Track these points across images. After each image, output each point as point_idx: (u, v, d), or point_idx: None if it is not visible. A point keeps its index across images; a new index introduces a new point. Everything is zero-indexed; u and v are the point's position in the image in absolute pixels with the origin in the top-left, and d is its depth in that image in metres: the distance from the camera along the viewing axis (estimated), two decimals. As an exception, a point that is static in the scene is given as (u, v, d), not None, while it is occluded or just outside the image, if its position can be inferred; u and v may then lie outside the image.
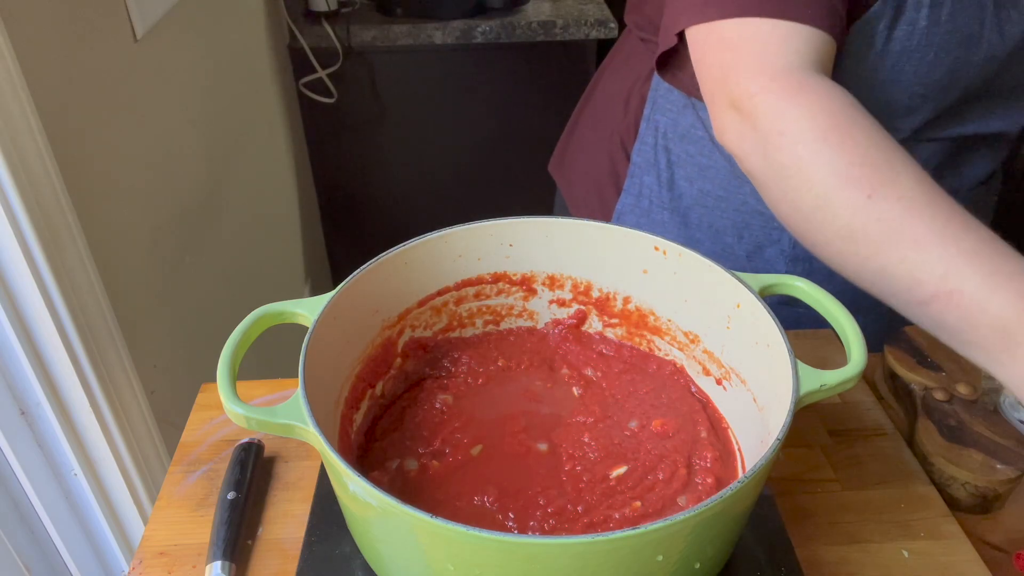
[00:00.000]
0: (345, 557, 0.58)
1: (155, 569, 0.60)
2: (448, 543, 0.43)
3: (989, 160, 0.82)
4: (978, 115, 0.74)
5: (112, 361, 0.89)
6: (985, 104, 0.73)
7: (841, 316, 0.54)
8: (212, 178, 1.29)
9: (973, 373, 0.74)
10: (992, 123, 0.75)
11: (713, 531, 0.47)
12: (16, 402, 0.82)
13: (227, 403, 0.48)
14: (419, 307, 0.65)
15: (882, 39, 0.66)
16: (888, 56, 0.67)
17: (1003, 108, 0.75)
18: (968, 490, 0.65)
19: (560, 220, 0.65)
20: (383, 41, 1.75)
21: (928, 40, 0.66)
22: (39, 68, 0.78)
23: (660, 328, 0.67)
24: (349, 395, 0.59)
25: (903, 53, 0.66)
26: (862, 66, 0.67)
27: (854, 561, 0.61)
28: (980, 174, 0.81)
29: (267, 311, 0.54)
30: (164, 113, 1.10)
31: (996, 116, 0.75)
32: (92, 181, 0.89)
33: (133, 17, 0.98)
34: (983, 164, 0.81)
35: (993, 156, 0.82)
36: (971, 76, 0.69)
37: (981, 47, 0.67)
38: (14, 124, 0.72)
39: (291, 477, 0.67)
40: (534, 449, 0.59)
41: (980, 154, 0.80)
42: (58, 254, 0.79)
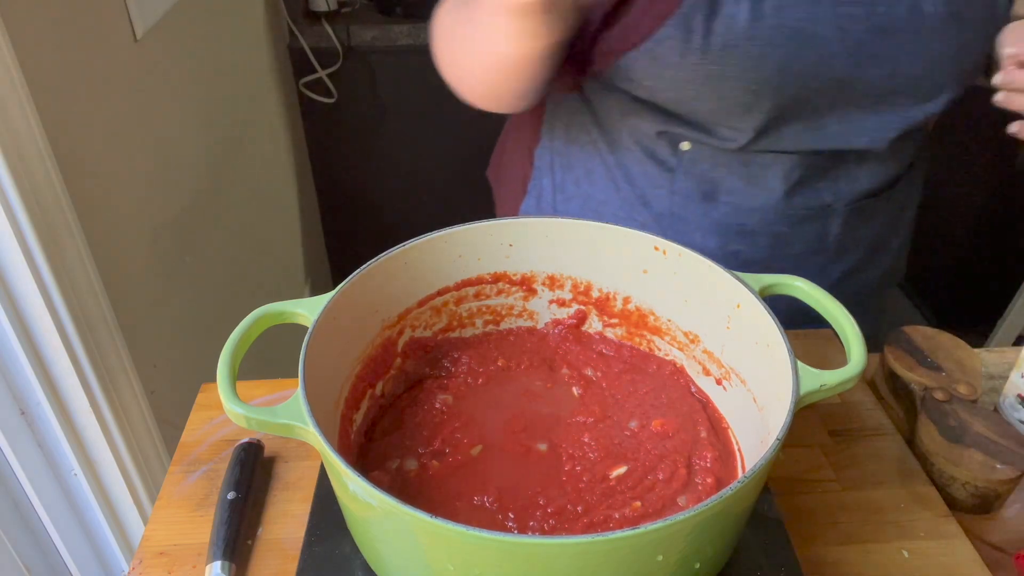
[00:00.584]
0: (345, 557, 0.58)
1: (155, 569, 0.60)
2: (448, 543, 0.43)
3: (876, 174, 0.79)
4: (836, 127, 0.72)
5: (112, 361, 0.89)
6: (841, 114, 0.71)
7: (841, 316, 0.54)
8: (212, 178, 1.29)
9: (973, 373, 0.74)
10: (854, 138, 0.73)
11: (713, 531, 0.47)
12: (16, 402, 0.82)
13: (227, 403, 0.48)
14: (419, 307, 0.65)
15: (701, 33, 0.65)
16: (710, 51, 0.65)
17: (860, 120, 0.72)
18: (968, 490, 0.65)
19: (560, 220, 0.65)
20: (383, 41, 1.75)
21: (751, 34, 0.65)
22: (39, 68, 0.78)
23: (660, 328, 0.67)
24: (349, 395, 0.59)
25: (726, 48, 0.65)
26: (686, 60, 0.66)
27: (854, 561, 0.61)
28: (862, 188, 0.78)
29: (267, 311, 0.54)
30: (164, 113, 1.10)
31: (855, 128, 0.72)
32: (92, 181, 0.89)
33: (133, 17, 0.98)
34: (866, 178, 0.78)
35: (880, 170, 0.79)
36: (808, 75, 0.67)
37: (816, 44, 0.66)
38: (14, 124, 0.72)
39: (291, 477, 0.67)
40: (534, 449, 0.59)
41: (863, 168, 0.77)
42: (58, 254, 0.79)
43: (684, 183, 0.77)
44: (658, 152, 0.77)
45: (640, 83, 0.71)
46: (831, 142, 0.73)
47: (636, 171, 0.79)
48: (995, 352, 0.83)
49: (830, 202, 0.78)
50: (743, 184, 0.76)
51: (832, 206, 0.78)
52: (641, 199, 0.79)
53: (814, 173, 0.76)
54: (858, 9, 0.66)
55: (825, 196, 0.77)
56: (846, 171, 0.77)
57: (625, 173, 0.80)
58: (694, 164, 0.76)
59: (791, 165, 0.74)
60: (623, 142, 0.78)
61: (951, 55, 0.69)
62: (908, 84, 0.70)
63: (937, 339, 0.78)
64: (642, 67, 0.69)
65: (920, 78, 0.70)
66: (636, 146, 0.78)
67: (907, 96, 0.71)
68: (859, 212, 0.80)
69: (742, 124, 0.71)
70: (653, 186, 0.78)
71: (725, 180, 0.76)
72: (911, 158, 0.83)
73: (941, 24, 0.67)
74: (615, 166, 0.80)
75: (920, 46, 0.68)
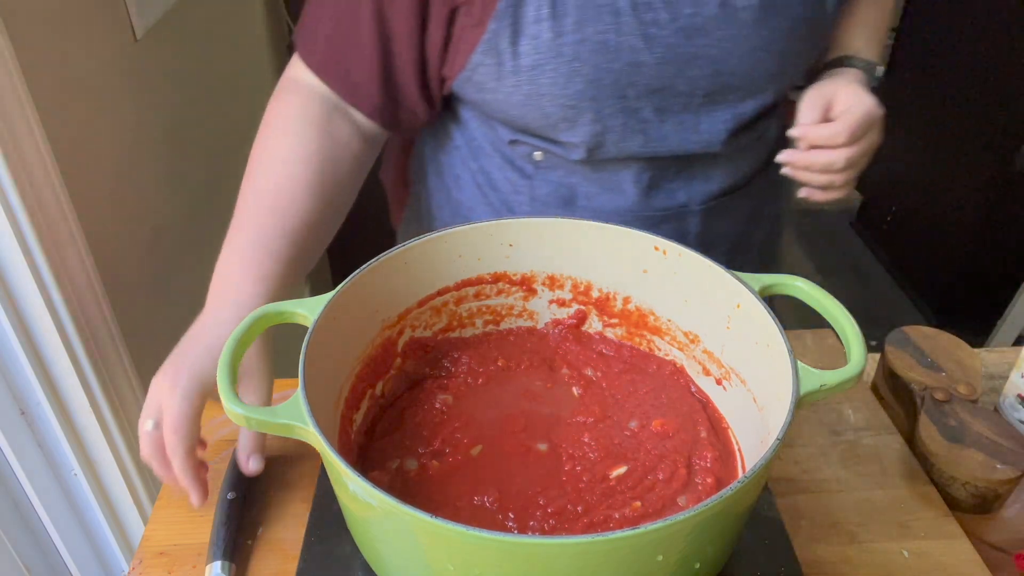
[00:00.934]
0: (345, 557, 0.58)
1: (155, 569, 0.60)
2: (448, 543, 0.43)
3: (729, 173, 0.79)
4: (669, 132, 0.72)
5: (112, 361, 0.89)
6: (670, 118, 0.71)
7: (841, 316, 0.54)
8: (212, 178, 1.29)
9: (973, 373, 0.74)
10: (689, 140, 0.73)
11: (713, 531, 0.47)
12: (16, 402, 0.82)
13: (227, 403, 0.48)
14: (419, 307, 0.65)
15: (509, 56, 0.66)
16: (521, 71, 0.67)
17: (692, 122, 0.72)
18: (968, 490, 0.65)
19: (560, 220, 0.65)
20: (383, 41, 1.75)
21: (557, 52, 0.65)
22: (39, 68, 0.78)
23: (660, 328, 0.67)
24: (349, 395, 0.59)
25: (535, 67, 0.66)
26: (503, 83, 0.68)
27: (854, 561, 0.61)
28: (716, 187, 0.79)
29: (267, 311, 0.54)
30: (164, 113, 1.10)
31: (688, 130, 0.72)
32: (92, 181, 0.89)
33: (133, 17, 0.98)
34: (720, 177, 0.79)
35: (732, 168, 0.79)
36: (623, 85, 0.68)
37: (623, 54, 0.66)
38: (14, 124, 0.72)
39: (291, 477, 0.67)
40: (534, 449, 0.59)
41: (716, 168, 0.78)
42: (58, 254, 0.79)
43: (543, 189, 0.78)
44: (516, 160, 0.78)
45: (473, 103, 0.74)
46: (668, 147, 0.73)
47: (498, 177, 0.80)
48: (995, 352, 0.83)
49: (685, 202, 0.79)
50: (598, 189, 0.77)
51: (687, 206, 0.79)
52: (506, 205, 0.80)
53: (665, 176, 0.77)
54: (662, 15, 0.66)
55: (679, 197, 0.78)
56: (699, 171, 0.78)
57: (488, 179, 0.80)
58: (549, 171, 0.77)
59: (639, 169, 0.75)
60: (484, 149, 0.79)
61: (772, 47, 0.69)
62: (732, 81, 0.70)
63: (937, 339, 0.78)
64: (469, 91, 0.71)
65: (743, 74, 0.70)
66: (496, 153, 0.79)
67: (734, 92, 0.71)
68: (716, 211, 0.80)
69: (572, 138, 0.71)
70: (515, 192, 0.79)
71: (580, 185, 0.77)
72: (767, 154, 0.83)
73: (755, 17, 0.67)
74: (479, 172, 0.81)
75: (737, 42, 0.68)
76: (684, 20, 0.66)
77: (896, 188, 2.49)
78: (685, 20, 0.66)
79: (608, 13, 0.65)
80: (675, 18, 0.66)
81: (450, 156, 0.82)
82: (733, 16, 0.67)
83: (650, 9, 0.65)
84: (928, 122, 2.28)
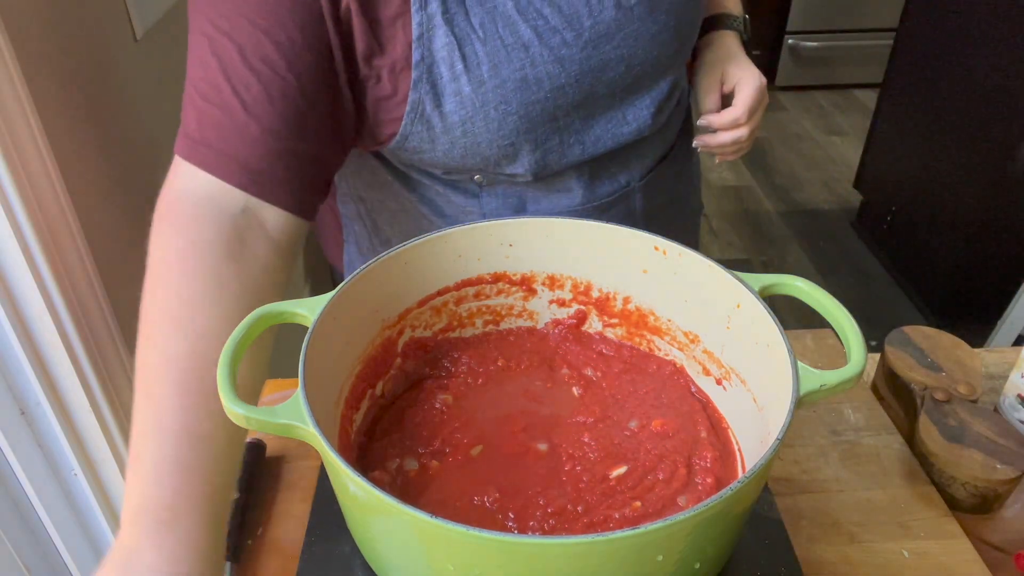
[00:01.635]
0: (345, 557, 0.58)
1: (155, 569, 0.60)
2: (448, 543, 0.43)
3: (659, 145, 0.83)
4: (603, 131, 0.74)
5: (112, 361, 0.89)
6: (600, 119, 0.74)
7: (841, 316, 0.54)
8: (212, 178, 1.29)
9: (973, 373, 0.74)
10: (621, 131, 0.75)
11: (713, 531, 0.47)
12: (16, 402, 0.82)
13: (227, 403, 0.48)
14: (419, 307, 0.65)
15: (437, 118, 0.66)
16: (453, 129, 0.67)
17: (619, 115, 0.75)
18: (968, 490, 0.65)
19: (560, 220, 0.65)
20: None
21: (483, 101, 0.66)
22: (39, 68, 0.78)
23: (660, 328, 0.67)
24: (349, 395, 0.59)
25: (466, 120, 0.66)
26: (438, 143, 0.68)
27: (854, 561, 0.61)
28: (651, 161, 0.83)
29: (267, 311, 0.54)
30: (164, 113, 1.10)
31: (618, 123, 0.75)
32: (92, 181, 0.89)
33: (133, 17, 0.98)
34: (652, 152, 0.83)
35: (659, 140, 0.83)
36: (551, 110, 0.69)
37: (543, 83, 0.67)
38: (14, 124, 0.72)
39: (292, 477, 0.67)
40: (534, 449, 0.59)
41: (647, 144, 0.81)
42: (58, 254, 0.79)
43: (492, 204, 0.78)
44: (459, 183, 0.77)
45: (410, 161, 0.74)
46: (604, 145, 0.75)
47: (441, 202, 0.79)
48: (995, 352, 0.83)
49: (627, 183, 0.81)
50: (545, 192, 0.78)
51: (630, 185, 0.82)
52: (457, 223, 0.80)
53: (604, 165, 0.79)
54: (567, 35, 0.67)
55: (621, 180, 0.81)
56: (633, 152, 0.80)
57: (431, 207, 0.80)
58: (495, 187, 0.77)
59: (579, 169, 0.77)
60: (421, 182, 0.78)
61: (668, 27, 0.73)
62: (644, 70, 0.73)
63: (937, 339, 0.78)
64: (405, 154, 0.71)
65: (652, 61, 0.73)
66: (434, 182, 0.78)
67: (648, 78, 0.75)
68: (653, 182, 0.84)
69: (516, 169, 0.72)
70: (463, 212, 0.79)
71: (527, 193, 0.78)
72: (684, 114, 0.89)
73: (646, 6, 0.70)
74: (419, 203, 0.80)
75: (639, 36, 0.71)
76: (588, 33, 0.68)
77: (896, 188, 2.49)
78: (588, 32, 0.68)
79: (517, 49, 0.65)
80: (579, 34, 0.67)
81: (383, 191, 0.81)
82: (628, 14, 0.69)
83: (555, 33, 0.66)
84: (928, 122, 2.28)
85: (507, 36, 0.65)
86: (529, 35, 0.66)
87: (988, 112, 2.01)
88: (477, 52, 0.65)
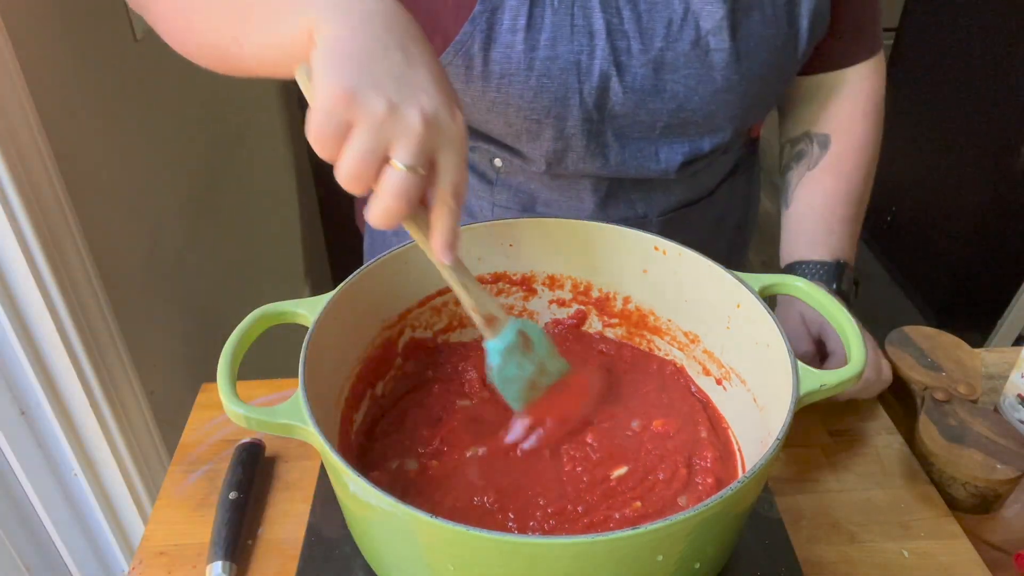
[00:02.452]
0: (345, 557, 0.58)
1: (155, 569, 0.60)
2: (448, 543, 0.43)
3: (690, 188, 0.79)
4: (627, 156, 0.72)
5: (112, 361, 0.89)
6: (629, 144, 0.71)
7: (841, 316, 0.54)
8: (212, 178, 1.29)
9: (973, 373, 0.74)
10: (645, 166, 0.73)
11: (713, 531, 0.47)
12: (16, 402, 0.82)
13: (227, 403, 0.48)
14: (419, 307, 0.65)
15: (480, 62, 0.65)
16: (490, 79, 0.66)
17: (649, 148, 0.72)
18: (968, 490, 0.65)
19: (560, 220, 0.65)
20: (383, 41, 1.75)
21: (528, 65, 0.65)
22: (39, 68, 0.78)
23: (660, 328, 0.67)
24: (349, 395, 0.59)
25: (504, 76, 0.66)
26: (471, 87, 0.67)
27: (854, 561, 0.61)
28: (676, 200, 0.79)
29: (267, 311, 0.54)
30: (164, 113, 1.10)
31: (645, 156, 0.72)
32: (92, 181, 0.89)
33: (133, 17, 0.98)
34: (680, 191, 0.79)
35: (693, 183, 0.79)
36: (588, 107, 0.67)
37: (592, 78, 0.66)
38: (14, 124, 0.72)
39: (291, 477, 0.67)
40: (535, 449, 0.59)
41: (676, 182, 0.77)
42: (58, 254, 0.79)
43: (503, 195, 0.78)
44: (478, 165, 0.77)
45: None
46: (624, 170, 0.73)
47: None
48: (995, 352, 0.83)
49: (644, 213, 0.79)
50: (557, 196, 0.77)
51: (647, 217, 0.79)
52: (466, 210, 0.80)
53: (623, 189, 0.77)
54: (635, 44, 0.66)
55: (639, 208, 0.78)
56: (658, 186, 0.77)
57: None
58: (509, 177, 0.77)
59: (597, 181, 0.75)
60: None
61: (738, 90, 0.69)
62: (693, 118, 0.70)
63: (937, 339, 0.78)
64: None
65: (705, 113, 0.70)
66: None
67: (693, 128, 0.71)
68: (675, 222, 0.80)
69: (533, 151, 0.71)
70: (476, 197, 0.79)
71: (540, 193, 0.77)
72: (731, 165, 0.84)
73: (726, 61, 0.67)
74: None
75: (704, 83, 0.68)
76: (655, 53, 0.66)
77: (896, 188, 2.49)
78: (656, 53, 0.66)
79: (583, 33, 0.65)
80: (646, 50, 0.66)
81: None
82: (704, 57, 0.67)
83: (624, 37, 0.66)
84: (928, 122, 2.28)
85: (579, 16, 0.64)
86: (600, 25, 0.65)
87: (988, 112, 2.01)
88: (544, 17, 0.64)
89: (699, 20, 0.66)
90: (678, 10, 0.66)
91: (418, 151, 0.43)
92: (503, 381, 0.57)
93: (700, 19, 0.66)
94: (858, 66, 0.81)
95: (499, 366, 0.56)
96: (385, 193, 0.44)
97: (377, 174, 0.44)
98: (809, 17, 0.70)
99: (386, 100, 0.42)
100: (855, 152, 0.81)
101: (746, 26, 0.67)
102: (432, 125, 0.43)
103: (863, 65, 0.81)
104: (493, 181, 0.77)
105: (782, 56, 0.71)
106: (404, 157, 0.43)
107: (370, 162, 0.43)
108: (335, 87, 0.42)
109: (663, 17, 0.66)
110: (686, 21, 0.66)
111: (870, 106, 0.82)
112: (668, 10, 0.66)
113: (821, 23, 0.72)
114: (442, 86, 0.45)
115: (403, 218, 0.46)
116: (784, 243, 0.81)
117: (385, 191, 0.44)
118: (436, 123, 0.44)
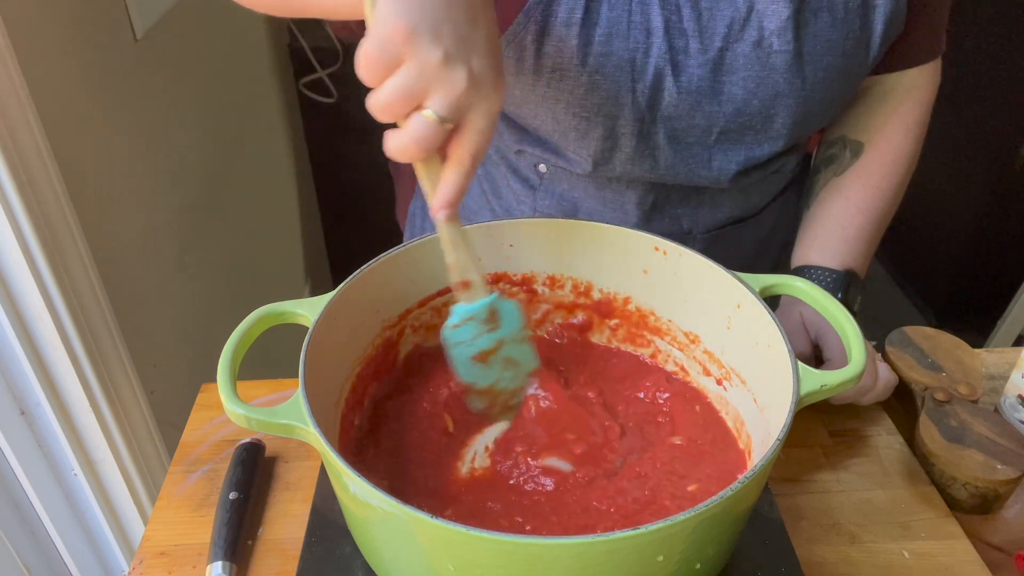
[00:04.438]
0: (345, 557, 0.58)
1: (155, 569, 0.60)
2: (448, 543, 0.43)
3: (739, 204, 0.78)
4: (677, 162, 0.70)
5: (112, 361, 0.89)
6: (681, 149, 0.69)
7: (841, 316, 0.54)
8: (212, 178, 1.29)
9: (973, 373, 0.74)
10: (697, 173, 0.70)
11: (713, 531, 0.47)
12: (16, 402, 0.82)
13: (227, 403, 0.48)
14: (419, 307, 0.65)
15: (532, 55, 0.64)
16: (541, 72, 0.65)
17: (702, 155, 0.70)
18: (968, 490, 0.65)
19: (560, 220, 0.64)
20: (383, 41, 1.75)
21: (581, 60, 0.63)
22: (39, 68, 0.78)
23: (660, 328, 0.67)
24: (349, 395, 0.59)
25: (555, 71, 0.64)
26: (521, 79, 0.66)
27: (854, 561, 0.61)
28: (723, 216, 0.77)
29: (267, 311, 0.54)
30: (164, 113, 1.10)
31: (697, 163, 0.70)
32: (92, 181, 0.89)
33: (133, 17, 0.98)
34: (728, 207, 0.77)
35: (742, 199, 0.77)
36: (641, 107, 0.66)
37: (646, 76, 0.64)
38: (14, 124, 0.72)
39: (291, 477, 0.67)
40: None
41: (725, 197, 0.76)
42: (58, 254, 0.79)
43: (545, 201, 0.77)
44: (521, 169, 0.77)
45: None
46: (673, 176, 0.71)
47: (502, 185, 0.79)
48: (995, 352, 0.83)
49: (688, 229, 0.77)
50: (600, 206, 0.75)
51: (691, 233, 0.77)
52: (508, 213, 0.80)
53: (670, 200, 0.75)
54: (693, 43, 0.64)
55: (684, 223, 0.76)
56: (707, 200, 0.75)
57: (493, 186, 0.80)
58: (553, 184, 0.76)
59: (644, 191, 0.74)
60: (491, 156, 0.79)
61: (799, 95, 0.67)
62: (751, 123, 0.68)
63: (937, 339, 0.78)
64: None
65: (764, 118, 0.68)
66: (502, 161, 0.78)
67: (750, 134, 0.69)
68: (721, 239, 0.78)
69: (580, 150, 0.70)
70: (518, 202, 0.79)
71: (583, 201, 0.76)
72: (782, 184, 0.82)
73: (788, 63, 0.65)
74: (484, 178, 0.80)
75: (764, 86, 0.66)
76: (714, 53, 0.64)
77: (896, 188, 2.49)
78: (715, 53, 0.64)
79: (639, 30, 0.63)
80: (704, 49, 0.64)
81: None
82: (765, 58, 0.64)
83: (682, 35, 0.63)
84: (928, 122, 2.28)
85: (636, 13, 0.63)
86: (658, 23, 0.63)
87: (988, 112, 2.01)
88: (601, 12, 0.62)
89: (763, 20, 0.63)
90: (742, 9, 0.63)
91: (455, 107, 0.44)
92: (453, 343, 0.57)
93: (764, 19, 0.63)
94: (913, 71, 0.77)
95: (453, 324, 0.56)
96: (409, 134, 0.44)
97: (408, 113, 0.44)
98: (885, 18, 0.67)
99: (442, 49, 0.43)
100: (887, 165, 0.78)
101: (813, 27, 0.65)
102: (475, 87, 0.44)
103: (920, 69, 0.78)
104: (536, 187, 0.76)
105: (850, 61, 0.68)
106: (440, 107, 0.44)
107: (408, 101, 0.44)
108: (398, 20, 0.43)
109: (725, 16, 0.64)
110: (749, 21, 0.64)
111: (912, 119, 0.78)
112: (731, 9, 0.63)
113: (897, 26, 0.69)
114: (495, 55, 0.46)
115: (417, 160, 0.47)
116: (797, 245, 0.78)
117: (410, 132, 0.44)
118: (479, 86, 0.45)
